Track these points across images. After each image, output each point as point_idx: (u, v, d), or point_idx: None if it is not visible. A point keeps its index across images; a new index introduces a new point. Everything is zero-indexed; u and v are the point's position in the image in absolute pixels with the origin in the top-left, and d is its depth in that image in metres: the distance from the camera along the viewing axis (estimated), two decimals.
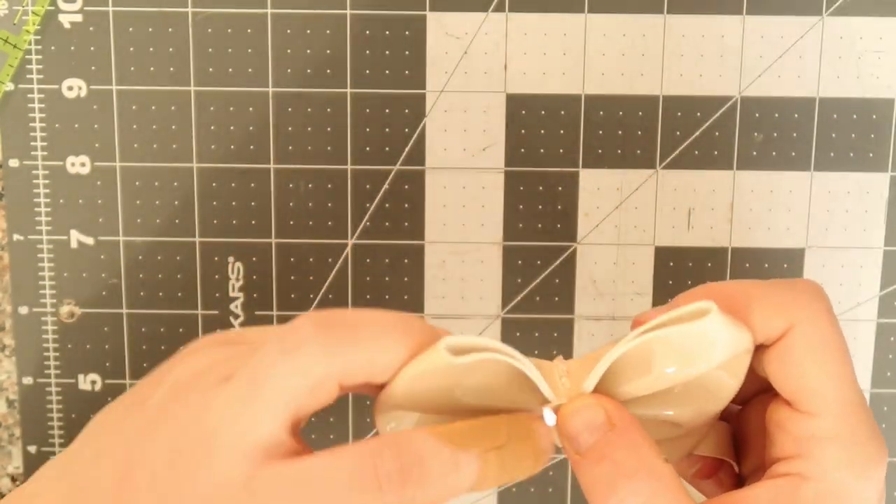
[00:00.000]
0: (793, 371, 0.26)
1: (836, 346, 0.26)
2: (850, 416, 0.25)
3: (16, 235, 0.44)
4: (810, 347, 0.26)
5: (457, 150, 0.44)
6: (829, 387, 0.25)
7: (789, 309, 0.26)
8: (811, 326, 0.26)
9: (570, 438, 0.26)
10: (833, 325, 0.26)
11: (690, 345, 0.25)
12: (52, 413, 0.45)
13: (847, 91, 0.43)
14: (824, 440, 0.25)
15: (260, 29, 0.43)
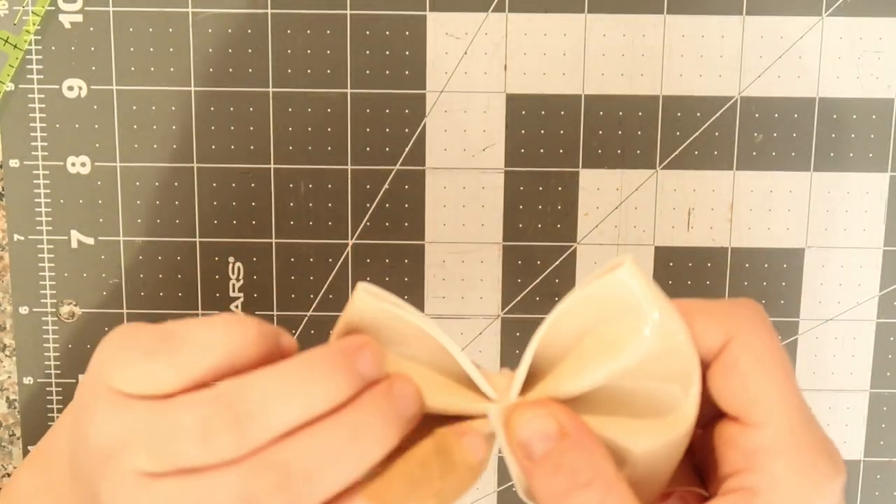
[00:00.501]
0: (735, 383, 0.26)
1: (776, 358, 0.26)
2: (797, 428, 0.25)
3: (16, 235, 0.44)
4: (750, 358, 0.25)
5: (457, 150, 0.44)
6: (773, 397, 0.25)
7: (727, 321, 0.26)
8: (750, 338, 0.26)
9: (521, 446, 0.25)
10: (772, 337, 0.26)
11: (613, 305, 0.25)
12: (52, 413, 0.45)
13: (847, 91, 0.43)
14: (772, 451, 0.25)
15: (260, 29, 0.43)
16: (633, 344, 0.25)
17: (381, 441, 0.25)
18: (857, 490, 0.46)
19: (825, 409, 0.46)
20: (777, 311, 0.45)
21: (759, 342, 0.26)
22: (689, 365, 0.26)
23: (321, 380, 0.25)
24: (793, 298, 0.45)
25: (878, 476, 0.46)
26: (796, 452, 0.25)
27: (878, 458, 0.46)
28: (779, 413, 0.25)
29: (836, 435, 0.46)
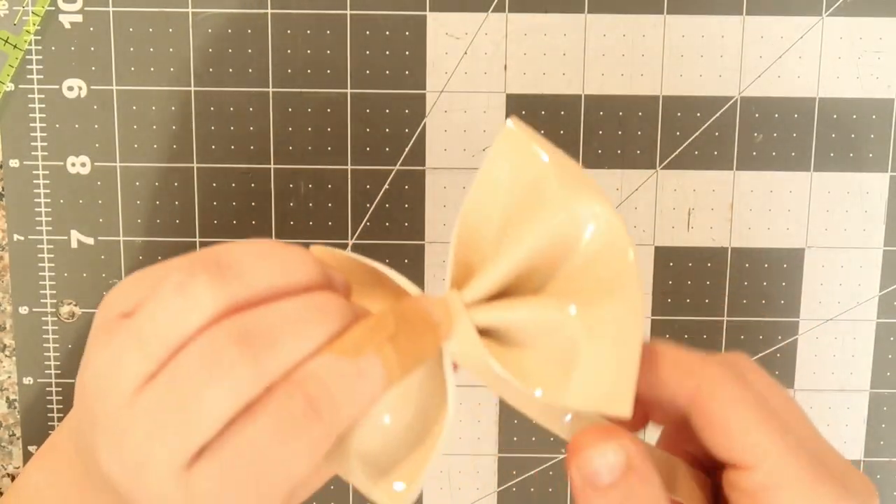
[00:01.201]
0: (718, 435, 0.26)
1: (750, 402, 0.26)
2: (791, 461, 0.26)
3: (16, 235, 0.44)
4: (729, 406, 0.26)
5: (457, 150, 0.44)
6: (762, 439, 0.26)
7: (692, 374, 0.27)
8: (724, 386, 0.26)
9: (586, 475, 0.26)
10: (739, 381, 0.27)
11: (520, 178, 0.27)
12: (52, 413, 0.45)
13: (847, 91, 0.43)
14: (772, 488, 0.26)
15: (260, 29, 0.43)
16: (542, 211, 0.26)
17: (341, 310, 0.26)
18: None
19: (825, 409, 0.46)
20: (777, 311, 0.45)
21: (727, 393, 0.26)
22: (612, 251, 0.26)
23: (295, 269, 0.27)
24: (793, 298, 0.45)
25: (878, 476, 0.46)
26: (797, 486, 0.25)
27: (878, 458, 0.46)
28: (771, 452, 0.26)
29: (836, 435, 0.46)
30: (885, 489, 0.46)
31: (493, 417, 0.46)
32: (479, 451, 0.46)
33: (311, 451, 0.25)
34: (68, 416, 0.32)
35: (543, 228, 0.26)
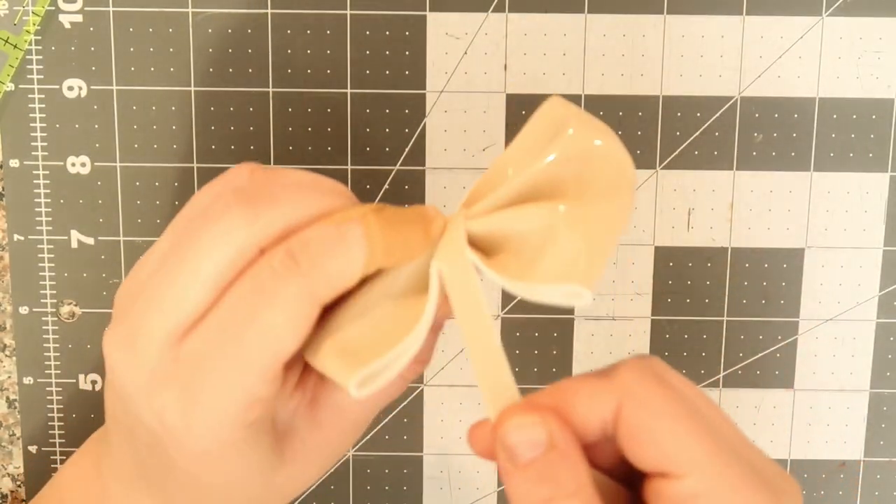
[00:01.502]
0: (643, 446, 0.25)
1: (675, 405, 0.25)
2: (721, 468, 0.25)
3: (16, 235, 0.44)
4: (652, 416, 0.25)
5: (457, 150, 0.44)
6: (688, 445, 0.25)
7: (612, 388, 0.26)
8: (639, 398, 0.25)
9: (507, 449, 0.26)
10: (661, 384, 0.26)
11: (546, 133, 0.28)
12: (52, 413, 0.45)
13: (847, 91, 0.43)
14: (702, 496, 0.25)
15: (260, 29, 0.43)
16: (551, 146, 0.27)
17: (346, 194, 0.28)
18: (857, 490, 0.46)
19: (825, 409, 0.46)
20: (777, 311, 0.45)
21: (650, 398, 0.25)
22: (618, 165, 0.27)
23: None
24: (793, 298, 0.45)
25: (878, 476, 0.46)
26: (729, 492, 0.25)
27: (878, 458, 0.46)
28: (699, 459, 0.25)
29: (836, 435, 0.46)
30: (885, 489, 0.46)
31: None
32: None
33: (290, 309, 0.25)
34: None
35: (551, 148, 0.27)
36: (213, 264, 0.26)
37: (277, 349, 0.26)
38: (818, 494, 0.46)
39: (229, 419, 0.26)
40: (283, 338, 0.26)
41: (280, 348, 0.26)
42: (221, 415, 0.26)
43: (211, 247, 0.26)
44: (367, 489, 0.46)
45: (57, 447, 0.45)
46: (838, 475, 0.46)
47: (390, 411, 0.46)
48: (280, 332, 0.25)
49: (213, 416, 0.26)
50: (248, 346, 0.25)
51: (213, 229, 0.26)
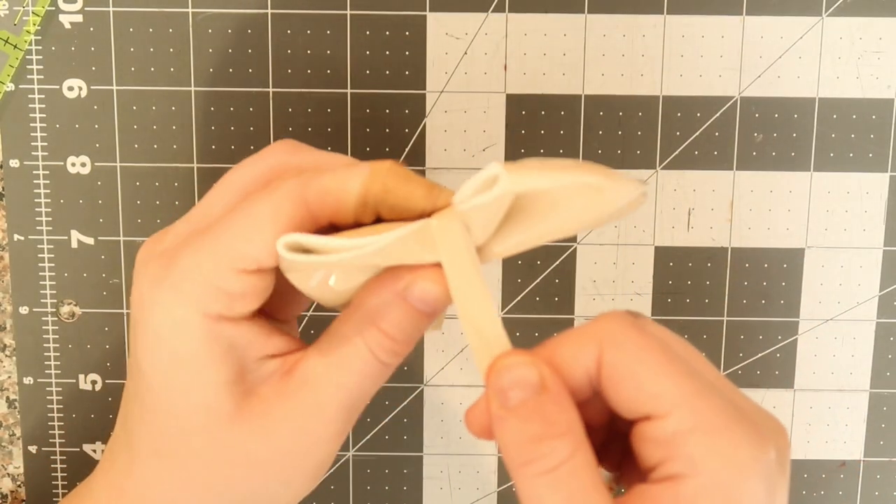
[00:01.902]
0: (626, 390, 0.26)
1: (655, 350, 0.26)
2: (704, 405, 0.25)
3: (16, 235, 0.44)
4: (629, 361, 0.25)
5: (457, 150, 0.44)
6: (669, 385, 0.25)
7: (592, 338, 0.26)
8: (620, 344, 0.26)
9: (498, 391, 0.26)
10: (640, 331, 0.26)
11: None
12: (52, 413, 0.45)
13: (847, 91, 0.43)
14: (685, 433, 0.25)
15: (260, 29, 0.43)
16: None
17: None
18: (857, 490, 0.46)
19: (825, 409, 0.46)
20: (777, 311, 0.45)
21: (630, 343, 0.26)
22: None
23: None
24: (793, 298, 0.45)
25: (878, 476, 0.46)
26: (710, 430, 0.25)
27: (878, 458, 0.46)
28: (681, 398, 0.25)
29: (836, 435, 0.46)
30: (885, 489, 0.46)
31: None
32: (479, 451, 0.46)
33: (275, 200, 0.27)
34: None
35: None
36: (240, 175, 0.29)
37: (251, 237, 0.27)
38: (818, 494, 0.46)
39: (188, 300, 0.27)
40: (260, 227, 0.27)
41: (254, 238, 0.27)
42: (182, 295, 0.27)
43: (245, 164, 0.30)
44: (367, 489, 0.46)
45: (57, 447, 0.45)
46: (838, 475, 0.46)
47: (390, 411, 0.46)
48: (257, 221, 0.27)
49: (174, 293, 0.27)
50: (226, 231, 0.27)
51: (252, 157, 0.30)
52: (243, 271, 0.27)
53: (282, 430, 0.29)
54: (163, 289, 0.28)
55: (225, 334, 0.28)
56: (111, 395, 0.45)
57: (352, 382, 0.29)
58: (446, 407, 0.46)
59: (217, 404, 0.28)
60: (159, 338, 0.28)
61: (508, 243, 0.27)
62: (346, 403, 0.29)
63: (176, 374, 0.28)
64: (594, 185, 0.26)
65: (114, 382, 0.45)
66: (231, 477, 0.29)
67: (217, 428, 0.28)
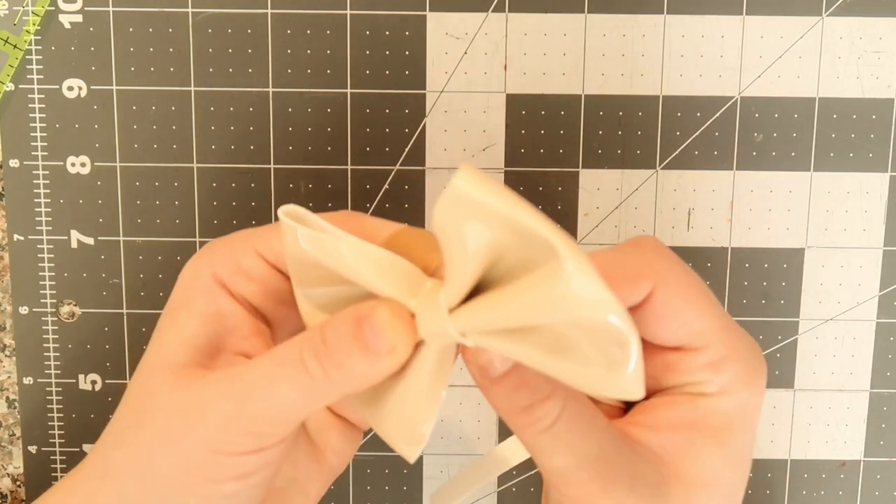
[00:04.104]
0: (674, 323, 0.28)
1: (698, 286, 0.28)
2: (733, 340, 0.28)
3: (16, 235, 0.44)
4: (681, 298, 0.28)
5: (457, 150, 0.44)
6: (707, 323, 0.28)
7: (647, 273, 0.28)
8: (673, 280, 0.28)
9: (480, 368, 0.26)
10: (686, 269, 0.29)
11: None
12: (52, 413, 0.45)
13: (847, 91, 0.43)
14: (716, 363, 0.28)
15: (260, 29, 0.43)
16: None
17: None
18: (857, 490, 0.46)
19: (825, 409, 0.46)
20: (777, 311, 0.45)
21: (680, 284, 0.28)
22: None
23: None
24: (793, 298, 0.45)
25: (878, 476, 0.46)
26: (737, 361, 0.28)
27: (878, 458, 0.46)
28: (716, 335, 0.28)
29: (836, 435, 0.46)
30: (885, 489, 0.46)
31: (493, 417, 0.46)
32: (479, 451, 0.46)
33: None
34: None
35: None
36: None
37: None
38: (818, 494, 0.46)
39: (207, 262, 0.30)
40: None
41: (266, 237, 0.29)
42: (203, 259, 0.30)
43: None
44: (367, 489, 0.46)
45: (57, 447, 0.45)
46: (838, 475, 0.46)
47: None
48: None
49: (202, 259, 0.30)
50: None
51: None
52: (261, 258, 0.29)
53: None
54: (198, 256, 0.30)
55: (222, 302, 0.29)
56: (111, 395, 0.45)
57: (273, 378, 0.27)
58: (446, 407, 0.46)
59: (175, 354, 0.28)
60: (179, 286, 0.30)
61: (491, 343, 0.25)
62: (266, 400, 0.26)
63: (171, 316, 0.29)
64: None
65: (114, 382, 0.45)
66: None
67: (163, 375, 0.28)
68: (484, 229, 0.23)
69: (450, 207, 0.22)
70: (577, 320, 0.23)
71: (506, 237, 0.23)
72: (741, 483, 0.29)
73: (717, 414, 0.28)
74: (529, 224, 0.22)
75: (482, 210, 0.22)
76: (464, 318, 0.24)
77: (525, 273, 0.23)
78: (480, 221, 0.22)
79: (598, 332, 0.23)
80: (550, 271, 0.22)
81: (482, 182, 0.22)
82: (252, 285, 0.29)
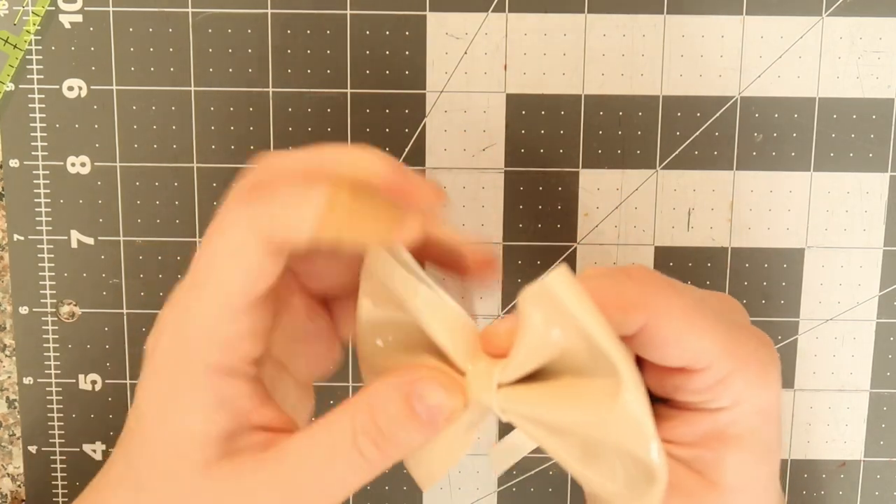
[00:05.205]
0: (674, 349, 0.27)
1: (693, 307, 0.28)
2: (738, 351, 0.28)
3: (16, 235, 0.44)
4: (677, 323, 0.27)
5: (457, 150, 0.44)
6: (708, 343, 0.27)
7: (640, 303, 0.27)
8: (665, 306, 0.27)
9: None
10: (679, 292, 0.28)
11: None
12: (52, 413, 0.45)
13: (847, 91, 0.43)
14: (726, 378, 0.28)
15: (260, 29, 0.43)
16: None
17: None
18: (857, 490, 0.46)
19: (825, 409, 0.46)
20: (777, 311, 0.45)
21: (675, 310, 0.27)
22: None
23: None
24: (793, 298, 0.45)
25: (878, 476, 0.46)
26: (745, 367, 0.28)
27: (878, 458, 0.46)
28: (719, 351, 0.27)
29: (836, 435, 0.46)
30: (885, 489, 0.46)
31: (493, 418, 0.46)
32: (479, 451, 0.46)
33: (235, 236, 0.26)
34: None
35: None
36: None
37: (233, 278, 0.27)
38: (818, 494, 0.46)
39: (192, 349, 0.27)
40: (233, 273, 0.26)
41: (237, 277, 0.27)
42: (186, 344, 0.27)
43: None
44: (367, 489, 0.46)
45: (57, 447, 0.45)
46: (838, 475, 0.46)
47: None
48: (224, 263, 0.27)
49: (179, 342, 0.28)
50: (210, 277, 0.27)
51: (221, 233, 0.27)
52: (236, 310, 0.27)
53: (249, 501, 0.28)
54: (172, 339, 0.28)
55: (222, 388, 0.27)
56: (111, 395, 0.45)
57: (325, 464, 0.27)
58: None
59: (196, 452, 0.27)
60: (160, 376, 0.28)
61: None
62: (319, 486, 0.27)
63: (167, 412, 0.27)
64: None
65: (114, 382, 0.45)
66: None
67: (192, 475, 0.27)
68: (560, 330, 0.25)
69: (537, 298, 0.25)
70: (617, 443, 0.25)
71: (577, 341, 0.25)
72: (775, 469, 0.30)
73: (737, 423, 0.28)
74: (601, 342, 0.24)
75: (564, 313, 0.24)
76: (511, 399, 0.26)
77: (582, 376, 0.26)
78: (559, 321, 0.25)
79: (633, 459, 0.25)
80: (608, 390, 0.24)
81: (571, 288, 0.24)
82: (244, 345, 0.28)
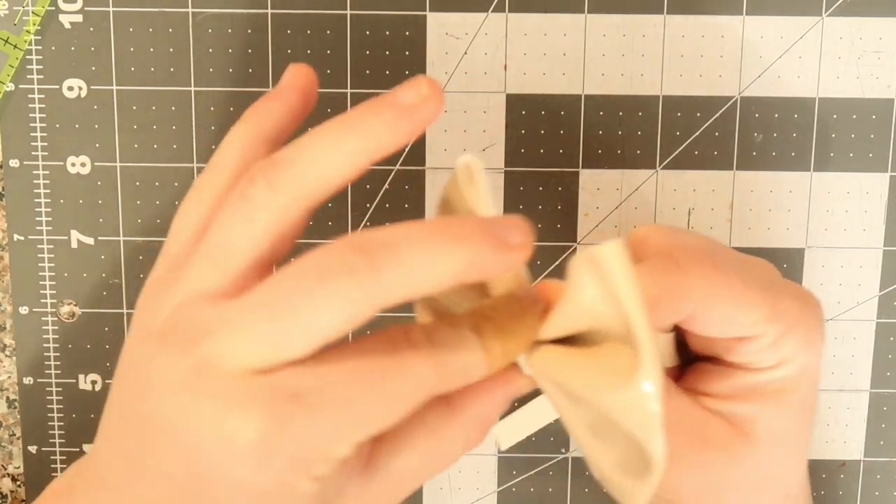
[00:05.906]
0: (724, 327, 0.28)
1: (738, 284, 0.28)
2: (787, 315, 0.29)
3: (16, 235, 0.44)
4: (724, 302, 0.28)
5: (457, 150, 0.44)
6: (757, 313, 0.28)
7: (685, 294, 0.28)
8: (709, 287, 0.28)
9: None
10: (726, 273, 0.28)
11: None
12: (52, 413, 0.45)
13: (847, 91, 0.43)
14: (774, 343, 0.29)
15: (260, 29, 0.43)
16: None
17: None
18: (857, 490, 0.46)
19: (825, 409, 0.46)
20: None
21: (719, 291, 0.28)
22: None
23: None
24: None
25: (878, 476, 0.46)
26: (795, 326, 0.29)
27: (878, 458, 0.46)
28: (769, 316, 0.28)
29: (836, 435, 0.46)
30: (885, 489, 0.46)
31: None
32: (479, 451, 0.46)
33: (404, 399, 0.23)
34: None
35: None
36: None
37: (374, 428, 0.23)
38: (818, 494, 0.46)
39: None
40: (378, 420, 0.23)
41: (369, 426, 0.23)
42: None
43: (322, 301, 0.22)
44: None
45: (57, 447, 0.45)
46: (838, 475, 0.46)
47: None
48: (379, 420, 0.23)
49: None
50: (344, 423, 0.22)
51: (326, 281, 0.22)
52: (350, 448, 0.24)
53: None
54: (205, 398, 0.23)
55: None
56: None
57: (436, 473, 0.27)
58: None
59: None
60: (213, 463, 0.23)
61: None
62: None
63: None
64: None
65: None
66: None
67: None
68: (601, 301, 0.25)
69: (587, 265, 0.25)
70: (625, 425, 0.25)
71: (613, 315, 0.25)
72: (809, 428, 0.31)
73: (779, 380, 0.29)
74: (634, 324, 0.24)
75: (608, 285, 0.25)
76: (540, 356, 0.27)
77: (609, 351, 0.26)
78: (602, 292, 0.25)
79: (636, 446, 0.25)
80: (629, 372, 0.24)
81: (619, 264, 0.24)
82: None
